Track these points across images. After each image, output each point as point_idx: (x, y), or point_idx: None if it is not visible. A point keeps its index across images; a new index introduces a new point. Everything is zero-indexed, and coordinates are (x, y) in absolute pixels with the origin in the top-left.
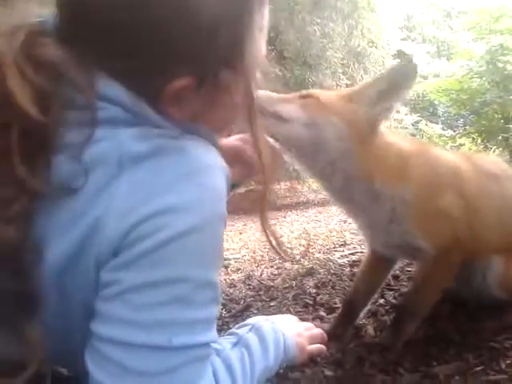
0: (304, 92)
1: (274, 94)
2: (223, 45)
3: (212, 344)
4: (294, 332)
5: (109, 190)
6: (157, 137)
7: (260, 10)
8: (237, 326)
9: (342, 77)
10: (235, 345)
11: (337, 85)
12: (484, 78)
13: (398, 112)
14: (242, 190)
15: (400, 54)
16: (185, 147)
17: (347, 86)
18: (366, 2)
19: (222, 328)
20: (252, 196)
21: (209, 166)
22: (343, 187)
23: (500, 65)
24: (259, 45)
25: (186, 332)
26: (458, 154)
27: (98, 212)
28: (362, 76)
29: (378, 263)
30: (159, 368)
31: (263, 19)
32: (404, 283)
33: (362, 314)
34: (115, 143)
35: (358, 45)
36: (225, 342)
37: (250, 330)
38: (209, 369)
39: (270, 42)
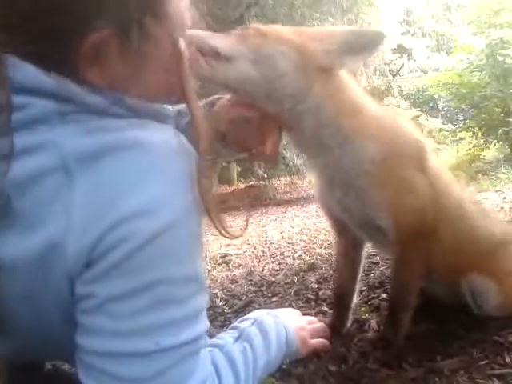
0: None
1: (209, 32)
2: None
3: (215, 340)
4: (296, 326)
5: (62, 201)
6: (102, 130)
7: None
8: (239, 320)
9: None
10: (237, 339)
11: None
12: (484, 72)
13: (398, 106)
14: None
15: (400, 49)
16: (138, 138)
17: None
18: None
19: (225, 324)
20: (252, 192)
21: (170, 153)
22: (312, 133)
23: (500, 58)
24: (184, 3)
25: (173, 332)
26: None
27: (55, 227)
28: (361, 70)
29: (349, 245)
30: (150, 372)
31: None
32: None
33: (359, 304)
34: (54, 148)
35: None
36: (227, 337)
37: (252, 323)
38: (202, 361)
39: None
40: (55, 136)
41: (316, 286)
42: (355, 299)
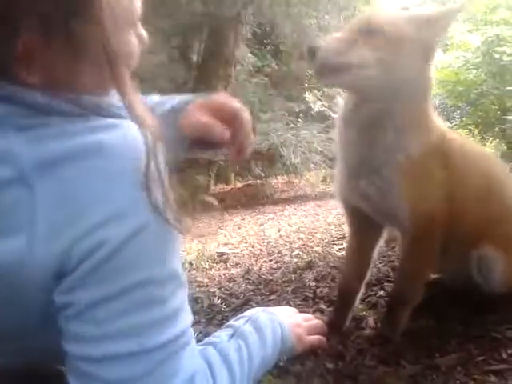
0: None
1: (330, 44)
2: None
3: (210, 338)
4: (291, 322)
5: (24, 213)
6: (60, 136)
7: None
8: (234, 318)
9: None
10: (232, 336)
11: None
12: (480, 70)
13: None
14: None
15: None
16: (98, 143)
17: None
18: None
19: (222, 322)
20: (249, 191)
21: (133, 156)
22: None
23: (496, 56)
24: None
25: (156, 331)
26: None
27: (17, 242)
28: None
29: (362, 242)
30: (137, 373)
31: None
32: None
33: (358, 301)
34: (9, 158)
35: None
36: (222, 335)
37: (247, 321)
38: (189, 355)
39: (266, 35)
40: (10, 144)
41: (314, 284)
42: (358, 300)
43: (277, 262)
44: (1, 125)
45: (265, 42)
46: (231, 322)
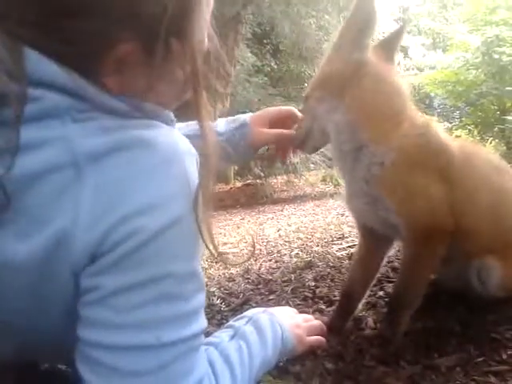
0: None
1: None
2: (171, 12)
3: (211, 339)
4: (292, 323)
5: (70, 196)
6: (112, 130)
7: None
8: (234, 318)
9: None
10: (233, 337)
11: None
12: (480, 70)
13: None
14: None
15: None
16: (145, 137)
17: None
18: None
19: (221, 322)
20: (249, 191)
21: (174, 153)
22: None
23: (496, 56)
24: (206, 17)
25: (174, 327)
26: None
27: (63, 221)
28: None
29: (371, 250)
30: (151, 366)
31: None
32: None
33: (360, 305)
34: (65, 144)
35: None
36: (222, 335)
37: (248, 321)
38: (201, 358)
39: (266, 35)
40: (67, 132)
41: (313, 283)
42: (361, 305)
43: (276, 262)
44: (62, 115)
45: (264, 41)
46: (231, 322)
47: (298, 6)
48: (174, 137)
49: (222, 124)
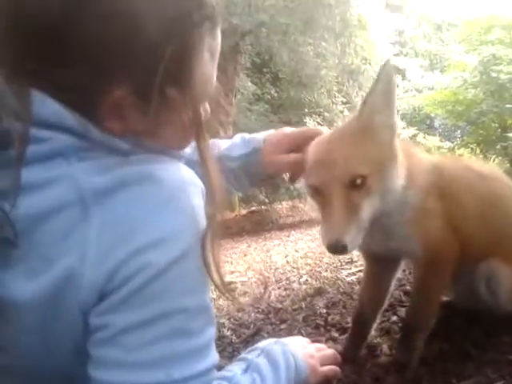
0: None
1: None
2: (167, 61)
3: (224, 372)
4: (305, 353)
5: (77, 234)
6: (116, 167)
7: (211, 32)
8: (246, 350)
9: (337, 95)
10: (246, 370)
11: (332, 103)
12: (479, 89)
13: None
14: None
15: (394, 70)
16: (150, 172)
17: (343, 103)
18: (357, 20)
19: (233, 354)
20: (254, 217)
21: (180, 187)
22: None
23: (494, 74)
24: (209, 68)
25: (186, 363)
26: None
27: (70, 260)
28: (356, 92)
29: (378, 274)
30: None
31: (214, 41)
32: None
33: (373, 331)
34: (71, 182)
35: (352, 62)
36: (235, 368)
37: (260, 353)
38: None
39: (265, 64)
40: (73, 171)
41: (324, 311)
42: (374, 331)
43: (285, 290)
44: (68, 154)
45: (264, 70)
46: (244, 354)
47: (295, 35)
48: (179, 170)
49: (236, 146)
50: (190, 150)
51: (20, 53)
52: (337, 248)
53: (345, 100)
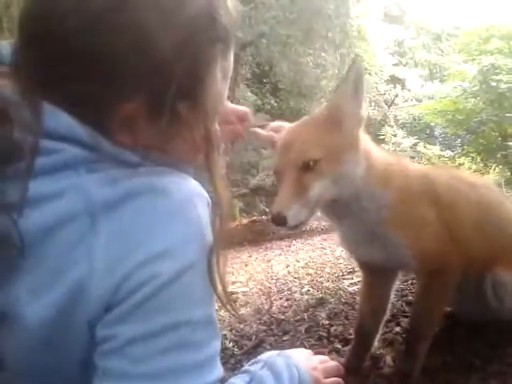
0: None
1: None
2: (180, 77)
3: None
4: (308, 365)
5: (85, 246)
6: (125, 178)
7: (223, 53)
8: (249, 362)
9: None
10: (249, 383)
11: None
12: (478, 98)
13: (395, 136)
14: None
15: (393, 79)
16: (158, 184)
17: None
18: (357, 30)
19: (236, 366)
20: (255, 227)
21: (187, 199)
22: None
23: (493, 84)
24: (221, 87)
25: (192, 375)
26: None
27: (78, 271)
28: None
29: (376, 285)
30: None
31: (227, 63)
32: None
33: (376, 342)
34: (80, 193)
35: None
36: (238, 381)
37: (264, 366)
38: None
39: (265, 74)
40: (82, 182)
41: (327, 322)
42: (377, 342)
43: (287, 300)
44: (77, 166)
45: (264, 81)
46: (247, 366)
47: (295, 46)
48: (187, 183)
49: None
50: None
51: (34, 66)
52: (277, 220)
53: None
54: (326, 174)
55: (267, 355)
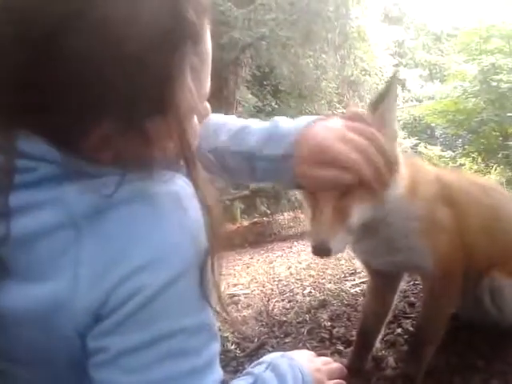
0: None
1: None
2: (146, 92)
3: None
4: (312, 367)
5: (70, 256)
6: (106, 185)
7: (195, 50)
8: (252, 364)
9: (337, 106)
10: None
11: (333, 114)
12: (479, 98)
13: None
14: None
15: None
16: (142, 190)
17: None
18: (357, 32)
19: (238, 369)
20: (256, 229)
21: (175, 202)
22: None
23: (494, 84)
24: (194, 88)
25: (189, 382)
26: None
27: (62, 282)
28: (357, 103)
29: (382, 287)
30: None
31: (200, 58)
32: (420, 310)
33: (378, 343)
34: (61, 204)
35: (352, 74)
36: (241, 383)
37: (267, 367)
38: None
39: (265, 76)
40: (62, 193)
41: (329, 323)
42: (378, 343)
43: (289, 302)
44: (57, 179)
45: (264, 83)
46: (250, 368)
47: (295, 48)
48: (174, 185)
49: (260, 140)
50: None
51: (2, 96)
52: (321, 251)
53: (345, 111)
54: (368, 197)
55: (270, 357)
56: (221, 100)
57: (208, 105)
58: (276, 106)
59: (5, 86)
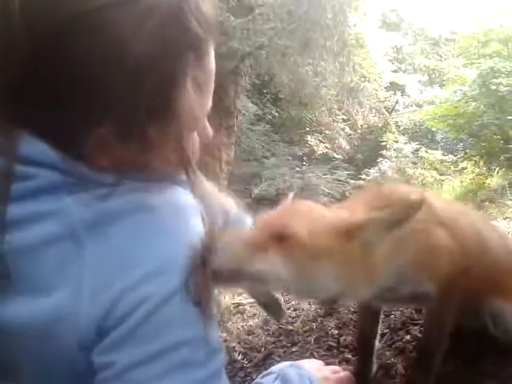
0: (276, 229)
1: (236, 245)
2: (146, 98)
3: None
4: (320, 376)
5: (72, 269)
6: (106, 197)
7: (197, 62)
8: (261, 375)
9: (337, 112)
10: None
11: (333, 120)
12: (479, 102)
13: (396, 142)
14: None
15: (393, 86)
16: (141, 201)
17: (344, 120)
18: (355, 38)
19: (245, 379)
20: None
21: (174, 212)
22: None
23: (493, 87)
24: (193, 100)
25: None
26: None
27: (64, 295)
28: (357, 110)
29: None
30: None
31: (202, 71)
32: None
33: (378, 345)
34: (61, 216)
35: (351, 80)
36: None
37: (276, 378)
38: None
39: (265, 85)
40: (62, 204)
41: (336, 332)
42: (378, 342)
43: (295, 310)
44: (57, 189)
45: (264, 91)
46: (259, 379)
47: (294, 56)
48: (173, 195)
49: None
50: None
51: (4, 95)
52: None
53: (345, 117)
54: None
55: (279, 367)
56: (221, 109)
57: (209, 128)
58: (276, 114)
59: (9, 82)
